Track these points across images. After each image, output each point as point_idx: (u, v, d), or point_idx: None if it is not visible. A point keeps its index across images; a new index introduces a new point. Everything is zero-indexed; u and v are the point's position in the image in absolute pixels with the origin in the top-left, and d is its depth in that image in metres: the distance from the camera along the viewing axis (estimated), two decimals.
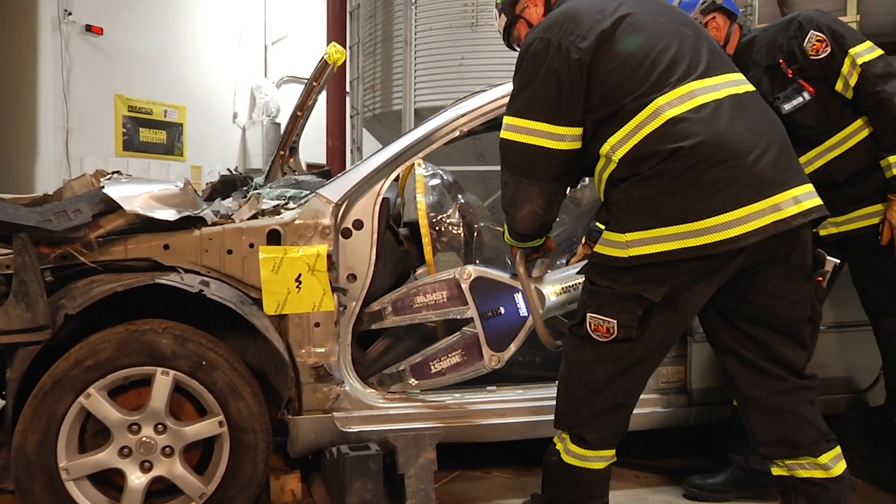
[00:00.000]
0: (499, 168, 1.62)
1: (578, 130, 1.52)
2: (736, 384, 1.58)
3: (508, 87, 2.03)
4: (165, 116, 8.69)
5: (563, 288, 1.90)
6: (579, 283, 1.89)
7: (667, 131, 1.42)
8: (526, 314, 1.95)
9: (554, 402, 1.61)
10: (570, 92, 1.49)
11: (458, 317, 2.00)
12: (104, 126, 7.98)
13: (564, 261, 2.30)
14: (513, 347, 1.95)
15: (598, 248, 1.53)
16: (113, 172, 2.35)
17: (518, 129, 1.54)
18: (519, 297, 1.95)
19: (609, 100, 1.48)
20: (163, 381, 1.74)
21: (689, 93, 1.45)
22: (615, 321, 1.48)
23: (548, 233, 1.76)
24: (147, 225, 1.85)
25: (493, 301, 1.96)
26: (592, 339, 1.52)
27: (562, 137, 1.52)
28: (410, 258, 2.21)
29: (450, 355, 1.99)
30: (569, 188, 3.67)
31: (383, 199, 2.01)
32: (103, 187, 1.86)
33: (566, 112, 1.51)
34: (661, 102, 1.44)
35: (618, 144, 1.48)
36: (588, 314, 1.52)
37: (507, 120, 1.57)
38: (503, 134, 1.57)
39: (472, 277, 1.97)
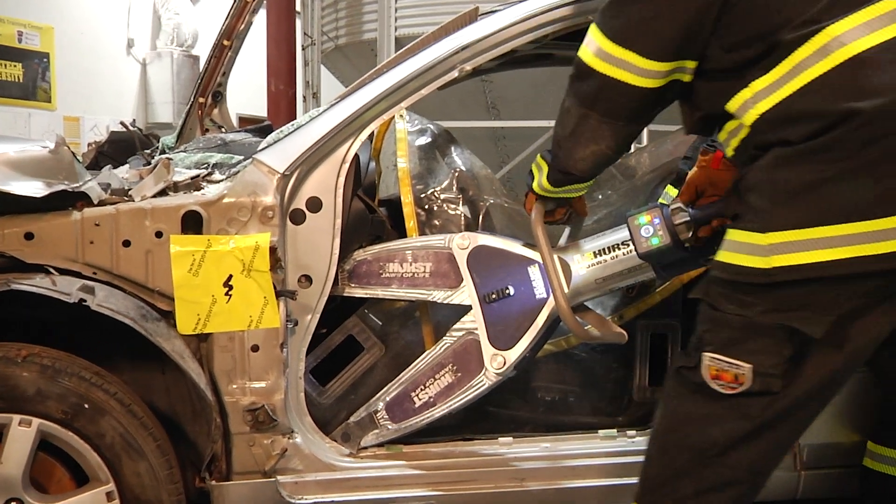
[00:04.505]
0: (516, 123, 1.64)
1: (671, 65, 1.54)
2: None
3: (530, 6, 2.05)
4: (20, 42, 8.60)
5: (595, 254, 1.93)
6: (621, 252, 1.92)
7: (841, 79, 1.38)
8: (545, 295, 1.97)
9: (593, 461, 1.63)
10: (694, 21, 1.49)
11: (440, 300, 2.02)
12: None
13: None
14: (524, 344, 1.96)
15: (725, 256, 1.51)
16: None
17: (600, 53, 1.57)
18: (535, 272, 1.98)
19: (756, 30, 1.46)
20: (21, 435, 1.73)
21: (887, 14, 1.39)
22: (749, 366, 1.47)
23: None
24: None
25: (498, 278, 1.99)
26: (711, 389, 1.51)
27: (649, 73, 1.55)
28: (388, 236, 2.24)
29: (437, 376, 2.02)
30: None
31: (351, 163, 2.02)
32: None
33: (673, 46, 1.52)
34: (838, 31, 1.39)
35: (762, 93, 1.45)
36: (706, 355, 1.51)
37: (593, 33, 1.59)
38: (582, 51, 1.61)
39: (473, 247, 2.01)
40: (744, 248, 1.46)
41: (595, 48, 1.59)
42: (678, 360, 1.62)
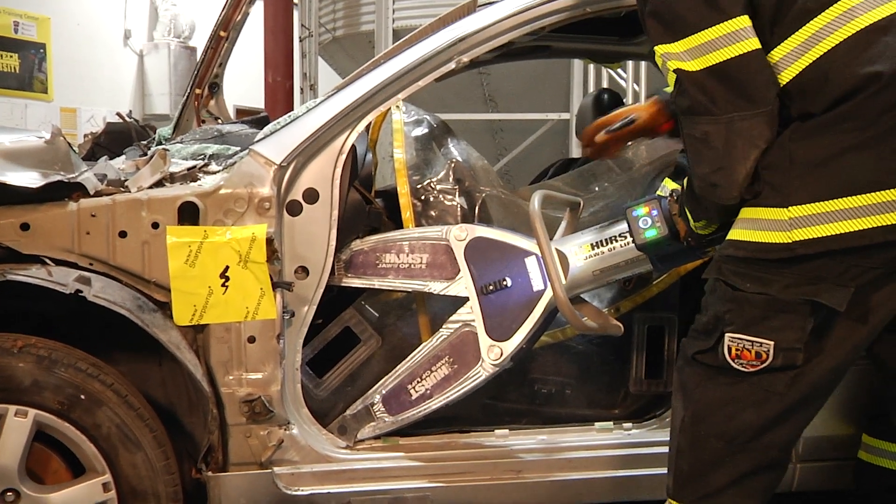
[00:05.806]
0: (513, 116, 1.62)
1: (747, 19, 1.46)
2: None
3: None
4: (17, 32, 8.56)
5: (592, 246, 1.94)
6: (619, 244, 1.92)
7: (862, 45, 1.39)
8: (542, 287, 1.98)
9: (589, 453, 1.62)
10: None
11: (436, 292, 2.03)
12: None
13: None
14: (521, 335, 1.97)
15: (739, 234, 1.50)
16: None
17: (701, 50, 1.45)
18: (532, 264, 1.99)
19: None
20: (17, 426, 1.74)
21: None
22: (771, 343, 1.47)
23: None
24: None
25: (496, 270, 2.00)
26: (732, 369, 1.51)
27: (752, 31, 1.45)
28: (385, 227, 2.24)
29: (434, 368, 2.02)
30: None
31: (348, 154, 2.02)
32: None
33: None
34: (853, 3, 1.40)
35: (783, 63, 1.44)
36: (727, 335, 1.50)
37: (677, 49, 1.48)
38: (685, 74, 1.48)
39: (470, 238, 2.02)
40: (763, 225, 1.46)
41: (690, 53, 1.46)
42: (690, 347, 1.61)
